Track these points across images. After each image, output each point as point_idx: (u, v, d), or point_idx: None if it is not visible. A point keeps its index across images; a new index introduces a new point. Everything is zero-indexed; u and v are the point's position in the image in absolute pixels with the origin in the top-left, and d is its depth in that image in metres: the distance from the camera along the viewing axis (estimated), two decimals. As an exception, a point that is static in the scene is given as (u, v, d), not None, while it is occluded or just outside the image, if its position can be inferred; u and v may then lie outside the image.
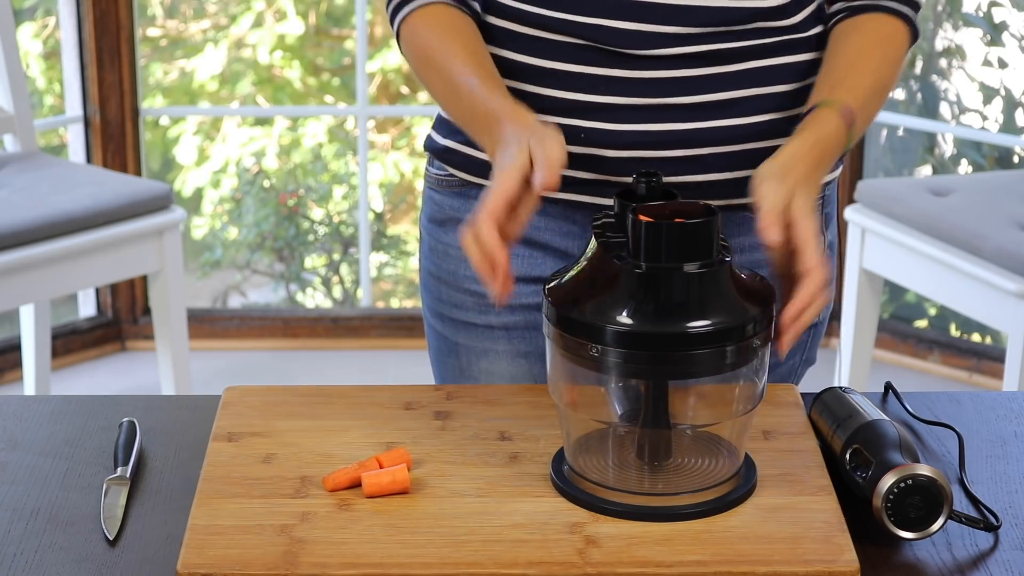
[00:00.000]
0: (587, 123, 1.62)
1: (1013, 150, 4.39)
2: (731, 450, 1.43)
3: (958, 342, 4.08)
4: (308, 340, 4.21)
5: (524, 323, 1.72)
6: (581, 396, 1.43)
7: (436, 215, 1.76)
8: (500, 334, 1.73)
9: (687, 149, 1.62)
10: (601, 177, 1.63)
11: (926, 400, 1.64)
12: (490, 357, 1.74)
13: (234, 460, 1.47)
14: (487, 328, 1.74)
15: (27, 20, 5.02)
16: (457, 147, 1.71)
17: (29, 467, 1.51)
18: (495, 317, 1.73)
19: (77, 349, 4.09)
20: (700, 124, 1.62)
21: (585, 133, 1.62)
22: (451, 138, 1.72)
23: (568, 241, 1.69)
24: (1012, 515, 1.42)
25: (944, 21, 4.41)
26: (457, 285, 1.74)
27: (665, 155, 1.62)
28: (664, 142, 1.62)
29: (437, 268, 1.76)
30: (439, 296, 1.77)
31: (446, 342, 1.77)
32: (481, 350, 1.75)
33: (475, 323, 1.74)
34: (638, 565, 1.31)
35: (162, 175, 5.26)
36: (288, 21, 5.23)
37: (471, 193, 1.71)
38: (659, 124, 1.61)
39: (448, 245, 1.74)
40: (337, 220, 4.93)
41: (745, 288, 1.39)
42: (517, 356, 1.74)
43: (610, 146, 1.62)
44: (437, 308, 1.77)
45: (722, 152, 1.63)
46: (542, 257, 1.70)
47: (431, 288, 1.78)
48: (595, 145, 1.62)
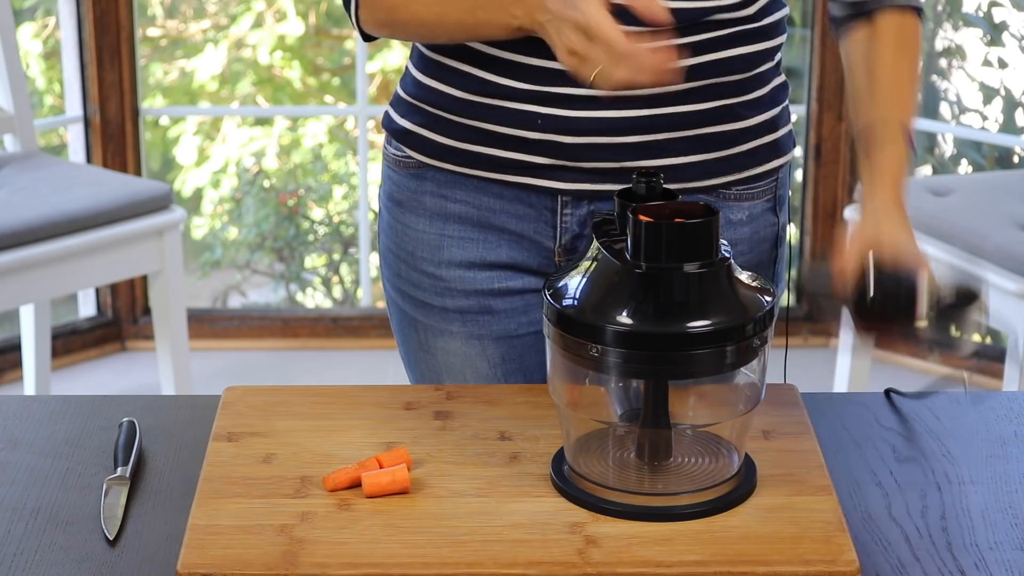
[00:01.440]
0: (544, 109, 1.65)
1: (1013, 150, 4.39)
2: (731, 450, 1.43)
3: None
4: (308, 340, 4.21)
5: (478, 308, 1.75)
6: (581, 396, 1.43)
7: (395, 194, 1.78)
8: (455, 316, 1.76)
9: (643, 135, 1.65)
10: (558, 162, 1.66)
11: (926, 400, 1.64)
12: (445, 337, 1.77)
13: (234, 460, 1.47)
14: (443, 310, 1.76)
15: (27, 20, 5.02)
16: (415, 129, 1.73)
17: (29, 467, 1.50)
18: (450, 300, 1.75)
19: (77, 349, 4.08)
20: (656, 111, 1.65)
21: (542, 119, 1.65)
22: (408, 119, 1.74)
23: (524, 224, 1.71)
24: (1012, 515, 1.42)
25: (944, 21, 4.41)
26: (415, 266, 1.76)
27: (622, 141, 1.65)
28: (621, 128, 1.65)
29: (397, 247, 1.78)
30: (398, 272, 1.79)
31: (406, 316, 1.80)
32: (438, 329, 1.77)
33: (432, 304, 1.76)
34: (638, 565, 1.31)
35: (162, 175, 5.25)
36: (288, 21, 5.23)
37: (427, 175, 1.74)
38: (616, 111, 1.64)
39: (406, 225, 1.76)
40: (337, 220, 4.93)
41: (745, 288, 1.39)
42: (471, 338, 1.76)
43: (567, 132, 1.65)
44: (397, 284, 1.80)
45: (678, 137, 1.66)
46: (496, 241, 1.72)
47: (391, 264, 1.80)
48: (552, 131, 1.65)
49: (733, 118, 1.68)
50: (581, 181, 1.67)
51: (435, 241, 1.74)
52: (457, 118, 1.70)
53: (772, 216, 1.75)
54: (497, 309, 1.74)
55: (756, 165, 1.71)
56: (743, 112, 1.68)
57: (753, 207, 1.73)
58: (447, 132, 1.71)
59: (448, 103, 1.70)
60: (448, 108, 1.70)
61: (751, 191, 1.72)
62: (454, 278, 1.74)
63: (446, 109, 1.70)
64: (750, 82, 1.68)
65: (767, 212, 1.74)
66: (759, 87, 1.69)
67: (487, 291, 1.74)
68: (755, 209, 1.73)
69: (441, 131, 1.71)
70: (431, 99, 1.72)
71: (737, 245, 1.71)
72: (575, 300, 1.38)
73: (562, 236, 1.70)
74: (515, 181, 1.69)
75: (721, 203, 1.70)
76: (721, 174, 1.69)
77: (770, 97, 1.71)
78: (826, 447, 1.53)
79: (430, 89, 1.72)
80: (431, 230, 1.74)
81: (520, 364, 1.76)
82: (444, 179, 1.73)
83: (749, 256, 1.73)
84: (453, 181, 1.72)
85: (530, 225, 1.71)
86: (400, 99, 1.77)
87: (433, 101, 1.72)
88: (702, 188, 1.69)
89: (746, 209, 1.72)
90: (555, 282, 1.41)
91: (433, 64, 1.71)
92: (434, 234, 1.74)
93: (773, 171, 1.73)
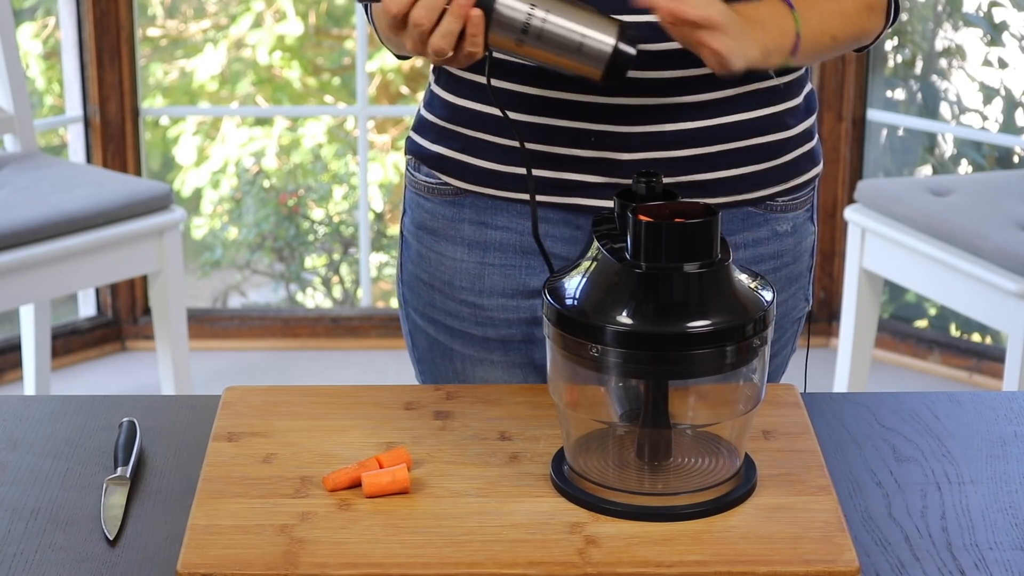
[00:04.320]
0: (597, 126, 1.61)
1: (1013, 150, 4.39)
2: (731, 450, 1.43)
3: (958, 342, 4.08)
4: (308, 340, 4.21)
5: (522, 336, 1.71)
6: (581, 396, 1.42)
7: (427, 223, 1.73)
8: (496, 345, 1.72)
9: (695, 148, 1.63)
10: (611, 180, 1.63)
11: (926, 400, 1.64)
12: (486, 366, 1.73)
13: (234, 460, 1.47)
14: (484, 340, 1.72)
15: (27, 20, 5.02)
16: (451, 154, 1.68)
17: (29, 467, 1.50)
18: (492, 330, 1.71)
19: (77, 349, 4.08)
20: (706, 122, 1.62)
21: (596, 136, 1.61)
22: (442, 144, 1.69)
23: (570, 247, 1.67)
24: (1012, 515, 1.42)
25: (944, 21, 4.41)
26: (453, 295, 1.72)
27: (674, 155, 1.62)
28: (673, 142, 1.62)
29: (430, 276, 1.73)
30: (431, 302, 1.75)
31: (440, 346, 1.76)
32: (477, 359, 1.74)
33: (472, 333, 1.73)
34: (638, 565, 1.31)
35: (162, 175, 5.25)
36: (288, 21, 5.23)
37: (465, 202, 1.69)
38: (667, 124, 1.61)
39: (441, 255, 1.71)
40: (337, 220, 4.93)
41: (745, 288, 1.39)
42: (513, 367, 1.73)
43: (621, 149, 1.62)
44: (428, 313, 1.76)
45: (727, 149, 1.64)
46: (540, 266, 1.68)
47: (420, 293, 1.75)
48: (606, 148, 1.62)
49: (780, 127, 1.66)
50: None
51: (475, 270, 1.69)
52: (499, 139, 1.64)
53: (811, 226, 1.74)
54: (539, 337, 1.70)
55: (800, 174, 1.70)
56: (788, 120, 1.66)
57: (797, 217, 1.71)
58: (489, 156, 1.65)
59: (488, 124, 1.64)
60: (489, 129, 1.65)
61: (795, 201, 1.71)
62: (495, 307, 1.70)
63: (486, 131, 1.65)
64: (790, 87, 1.67)
65: (807, 222, 1.74)
66: (797, 93, 1.68)
67: (530, 320, 1.70)
68: (798, 219, 1.72)
69: (481, 155, 1.66)
70: (467, 121, 1.66)
71: (783, 256, 1.71)
72: (575, 300, 1.38)
73: None
74: (564, 203, 1.65)
75: (769, 215, 1.68)
76: (770, 185, 1.67)
77: (805, 105, 1.70)
78: (826, 447, 1.53)
79: (465, 110, 1.66)
80: (470, 259, 1.69)
81: None
82: (484, 205, 1.67)
83: (793, 267, 1.72)
84: (494, 206, 1.67)
85: (576, 248, 1.65)
86: (428, 123, 1.71)
87: (470, 123, 1.66)
88: (752, 200, 1.67)
89: (790, 220, 1.70)
90: (555, 282, 1.41)
91: (465, 83, 1.66)
92: (474, 263, 1.69)
93: (812, 180, 1.72)
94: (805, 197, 1.72)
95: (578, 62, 1.47)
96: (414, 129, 1.74)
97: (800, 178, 1.70)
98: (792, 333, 1.78)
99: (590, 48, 1.47)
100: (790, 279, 1.73)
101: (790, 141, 1.68)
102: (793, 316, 1.77)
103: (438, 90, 1.70)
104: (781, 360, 1.78)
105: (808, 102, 1.71)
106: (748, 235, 1.68)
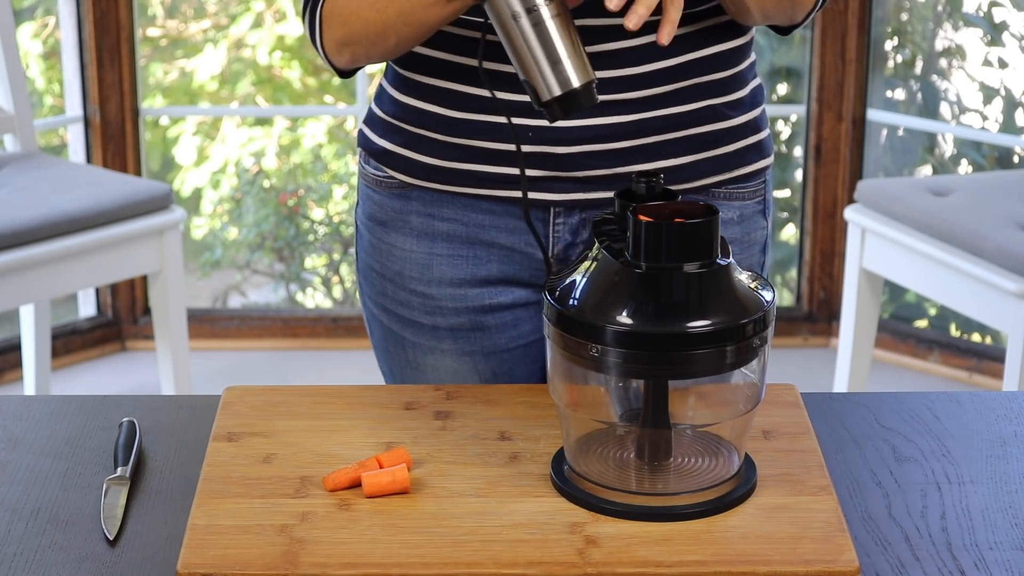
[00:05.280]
0: (535, 122, 1.63)
1: (1013, 150, 4.39)
2: (731, 450, 1.43)
3: (958, 342, 4.08)
4: (308, 340, 4.21)
5: (469, 324, 1.74)
6: (581, 396, 1.43)
7: (376, 215, 1.76)
8: (446, 334, 1.75)
9: (634, 140, 1.65)
10: (551, 173, 1.66)
11: (926, 400, 1.64)
12: (436, 354, 1.76)
13: (234, 460, 1.47)
14: (433, 328, 1.75)
15: (27, 20, 5.02)
16: (396, 149, 1.71)
17: (29, 467, 1.50)
18: (441, 318, 1.74)
19: (77, 349, 4.08)
20: (645, 115, 1.65)
21: (533, 132, 1.64)
22: (388, 139, 1.72)
23: (515, 237, 1.70)
24: (1012, 515, 1.42)
25: (944, 21, 4.41)
26: (403, 285, 1.75)
27: (613, 147, 1.65)
28: (612, 135, 1.65)
29: (381, 266, 1.76)
30: (383, 292, 1.78)
31: (392, 335, 1.79)
32: (427, 347, 1.76)
33: (422, 322, 1.75)
34: (638, 565, 1.31)
35: (162, 175, 5.25)
36: (288, 21, 5.23)
37: (412, 195, 1.72)
38: (606, 118, 1.64)
39: (392, 245, 1.74)
40: (337, 220, 4.93)
41: (745, 288, 1.39)
42: (462, 355, 1.76)
43: (559, 143, 1.64)
44: (381, 302, 1.79)
45: (667, 139, 1.67)
46: (486, 256, 1.72)
47: (374, 283, 1.79)
48: (544, 143, 1.64)
49: (718, 118, 1.68)
50: (574, 191, 1.66)
51: (423, 260, 1.73)
52: (442, 137, 1.67)
53: (762, 219, 1.76)
54: (488, 325, 1.74)
55: (745, 164, 1.72)
56: (727, 112, 1.69)
57: (744, 207, 1.73)
58: (432, 152, 1.69)
59: (431, 122, 1.67)
60: (431, 127, 1.68)
61: (741, 191, 1.73)
62: (444, 296, 1.73)
63: (429, 128, 1.68)
64: (731, 82, 1.69)
65: (757, 215, 1.75)
66: (739, 87, 1.70)
67: (478, 308, 1.73)
68: (746, 210, 1.74)
69: (425, 151, 1.69)
70: (411, 118, 1.69)
71: (731, 244, 1.72)
72: (575, 300, 1.38)
73: (555, 246, 1.69)
74: (505, 196, 1.68)
75: (713, 202, 1.70)
76: (712, 173, 1.70)
77: (751, 98, 1.72)
78: (826, 447, 1.53)
79: (409, 108, 1.69)
80: (419, 249, 1.73)
81: (510, 377, 1.76)
82: (430, 198, 1.71)
83: (740, 258, 1.74)
84: (439, 200, 1.71)
85: (521, 238, 1.70)
86: (377, 118, 1.74)
87: (414, 120, 1.69)
88: (695, 188, 1.70)
89: (737, 208, 1.73)
90: (555, 282, 1.41)
91: (411, 83, 1.69)
92: (422, 253, 1.73)
93: (761, 171, 1.75)
94: (753, 188, 1.74)
95: (544, 72, 1.47)
96: (364, 122, 1.77)
97: (746, 168, 1.72)
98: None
99: (563, 69, 1.47)
100: None
101: (731, 132, 1.70)
102: None
103: (387, 86, 1.73)
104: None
105: (754, 96, 1.73)
106: None
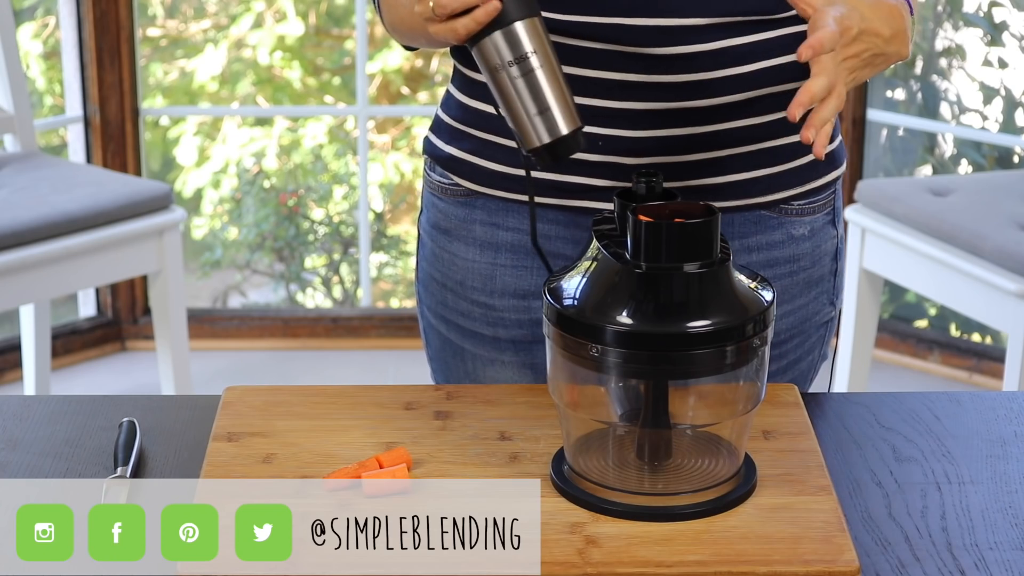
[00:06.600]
0: (605, 130, 1.60)
1: (1013, 150, 4.39)
2: (731, 450, 1.43)
3: (958, 342, 4.08)
4: (308, 340, 4.21)
5: (532, 337, 1.71)
6: (581, 396, 1.42)
7: (440, 223, 1.73)
8: (507, 346, 1.72)
9: (705, 152, 1.62)
10: (620, 184, 1.61)
11: (926, 400, 1.64)
12: (496, 366, 1.73)
13: (234, 460, 1.47)
14: (495, 340, 1.72)
15: (27, 20, 5.02)
16: (463, 156, 1.68)
17: (29, 467, 1.50)
18: (503, 330, 1.71)
19: (77, 349, 4.08)
20: (717, 126, 1.61)
21: (604, 141, 1.61)
22: (455, 145, 1.69)
23: (575, 249, 1.66)
24: (1012, 515, 1.42)
25: (944, 21, 4.41)
26: (465, 295, 1.72)
27: (684, 159, 1.61)
28: (683, 147, 1.61)
29: (442, 275, 1.74)
30: (443, 301, 1.75)
31: (451, 346, 1.76)
32: (488, 359, 1.74)
33: (483, 333, 1.73)
34: (638, 565, 1.31)
35: (162, 175, 5.26)
36: (288, 22, 5.23)
37: (476, 203, 1.69)
38: (678, 129, 1.60)
39: (454, 255, 1.72)
40: (337, 220, 4.93)
41: (745, 288, 1.39)
42: (523, 367, 1.73)
43: (629, 153, 1.61)
44: (441, 312, 1.76)
45: (739, 153, 1.63)
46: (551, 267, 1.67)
47: (434, 292, 1.76)
48: (614, 153, 1.61)
49: (792, 130, 1.63)
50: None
51: (486, 271, 1.70)
52: (510, 142, 1.63)
53: (832, 229, 1.72)
54: None
55: (816, 178, 1.68)
56: (798, 126, 1.59)
57: (815, 221, 1.70)
58: (499, 158, 1.65)
59: (499, 127, 1.62)
60: (499, 131, 1.64)
61: (812, 205, 1.69)
62: (507, 307, 1.70)
63: (496, 133, 1.64)
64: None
65: (827, 225, 1.72)
66: None
67: (541, 320, 1.68)
68: (816, 223, 1.70)
69: (492, 157, 1.66)
70: (479, 122, 1.66)
71: (800, 260, 1.69)
72: (575, 300, 1.38)
73: None
74: (572, 205, 1.64)
75: (784, 218, 1.67)
76: (782, 188, 1.66)
77: None
78: (826, 447, 1.53)
79: (478, 112, 1.66)
80: (482, 259, 1.70)
81: None
82: (495, 207, 1.68)
83: (812, 271, 1.71)
84: (505, 208, 1.67)
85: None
86: (443, 124, 1.71)
87: (482, 124, 1.66)
88: (764, 203, 1.65)
89: (808, 224, 1.69)
90: (555, 282, 1.41)
91: (479, 85, 1.65)
92: (485, 263, 1.70)
93: (831, 183, 1.70)
94: (824, 200, 1.70)
95: (533, 120, 1.46)
96: (431, 129, 1.74)
97: (817, 181, 1.68)
98: (818, 338, 1.76)
99: (552, 117, 1.45)
100: (809, 284, 1.72)
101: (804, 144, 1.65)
102: (816, 321, 1.74)
103: (454, 91, 1.70)
104: (807, 366, 1.76)
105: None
106: (761, 238, 1.67)
